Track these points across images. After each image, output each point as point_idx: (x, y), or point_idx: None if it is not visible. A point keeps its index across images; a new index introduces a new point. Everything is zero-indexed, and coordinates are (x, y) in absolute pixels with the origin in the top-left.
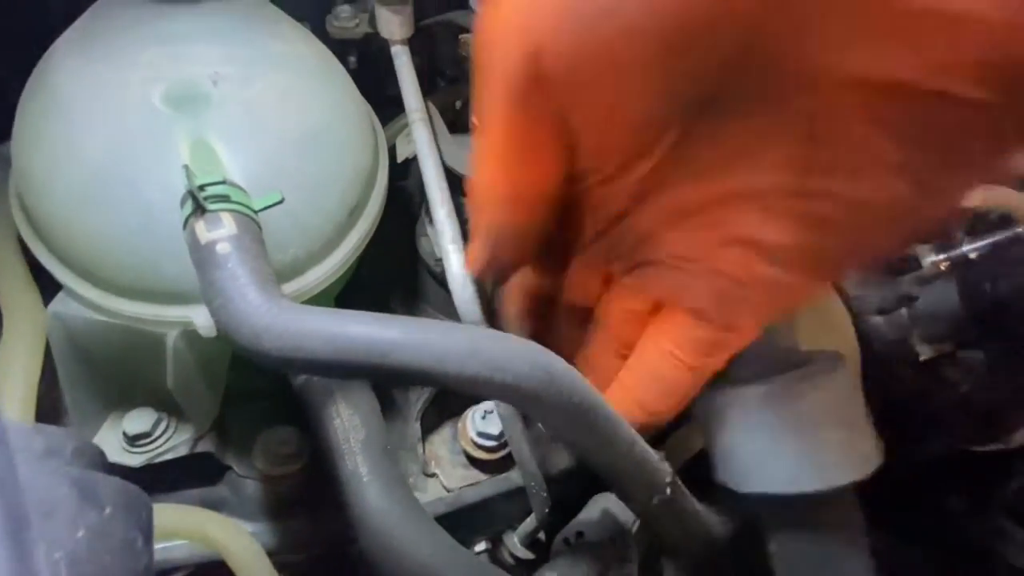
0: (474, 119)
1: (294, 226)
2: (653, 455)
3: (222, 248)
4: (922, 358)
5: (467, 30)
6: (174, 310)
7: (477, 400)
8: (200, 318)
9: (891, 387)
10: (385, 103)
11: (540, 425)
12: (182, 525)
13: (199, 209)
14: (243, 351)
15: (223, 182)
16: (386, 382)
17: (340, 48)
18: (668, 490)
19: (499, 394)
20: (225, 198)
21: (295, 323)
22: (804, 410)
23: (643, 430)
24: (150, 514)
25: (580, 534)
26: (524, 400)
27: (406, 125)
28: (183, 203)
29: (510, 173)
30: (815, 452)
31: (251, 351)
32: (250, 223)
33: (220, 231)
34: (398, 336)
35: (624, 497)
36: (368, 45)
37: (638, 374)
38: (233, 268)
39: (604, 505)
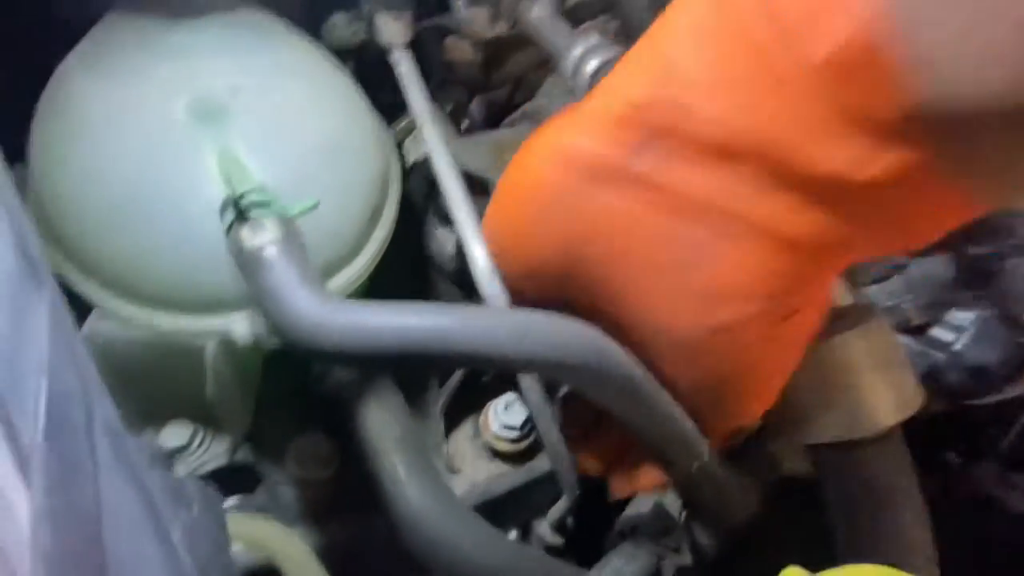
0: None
1: (322, 231)
2: (691, 425)
3: (269, 252)
4: (915, 322)
5: (453, 33)
6: (211, 320)
7: (496, 393)
8: (237, 326)
9: None
10: (379, 109)
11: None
12: (238, 529)
13: (241, 216)
14: (300, 349)
15: (263, 190)
16: (440, 367)
17: (337, 57)
18: (706, 455)
19: (554, 371)
20: (265, 204)
21: (353, 317)
22: (852, 358)
23: None
24: (223, 512)
25: (635, 528)
26: (577, 375)
27: (407, 130)
28: (223, 212)
29: None
30: (866, 397)
31: (310, 348)
32: (290, 227)
33: (265, 236)
34: (456, 323)
35: (666, 464)
36: (365, 54)
37: None
38: (282, 270)
39: (655, 499)
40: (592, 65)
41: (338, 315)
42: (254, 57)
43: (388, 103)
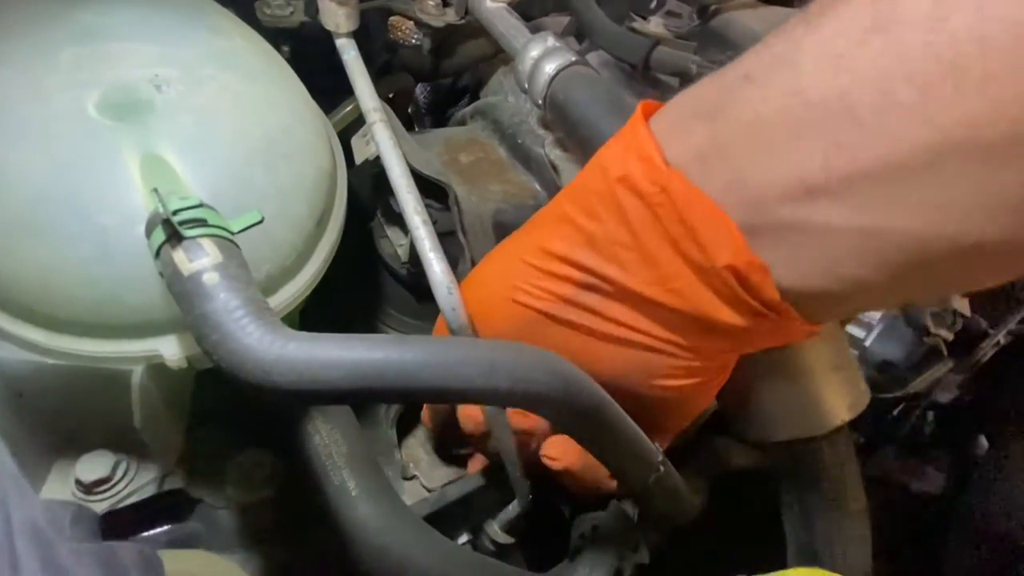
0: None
1: (265, 242)
2: (647, 440)
3: (209, 278)
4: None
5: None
6: (138, 344)
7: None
8: (168, 349)
9: None
10: (317, 95)
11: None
12: (173, 567)
13: (175, 236)
14: (248, 387)
15: (200, 205)
16: (402, 402)
17: (272, 38)
18: (661, 468)
19: (521, 403)
20: (202, 222)
21: (306, 353)
22: (809, 361)
23: None
24: (163, 571)
25: (595, 528)
26: (544, 406)
27: (348, 119)
28: (150, 229)
29: None
30: (824, 397)
31: (259, 387)
32: (231, 247)
33: (203, 260)
34: (418, 357)
35: (623, 480)
36: (301, 34)
37: None
38: (226, 299)
39: (613, 500)
40: (549, 69)
41: (291, 351)
42: (181, 43)
43: (325, 87)
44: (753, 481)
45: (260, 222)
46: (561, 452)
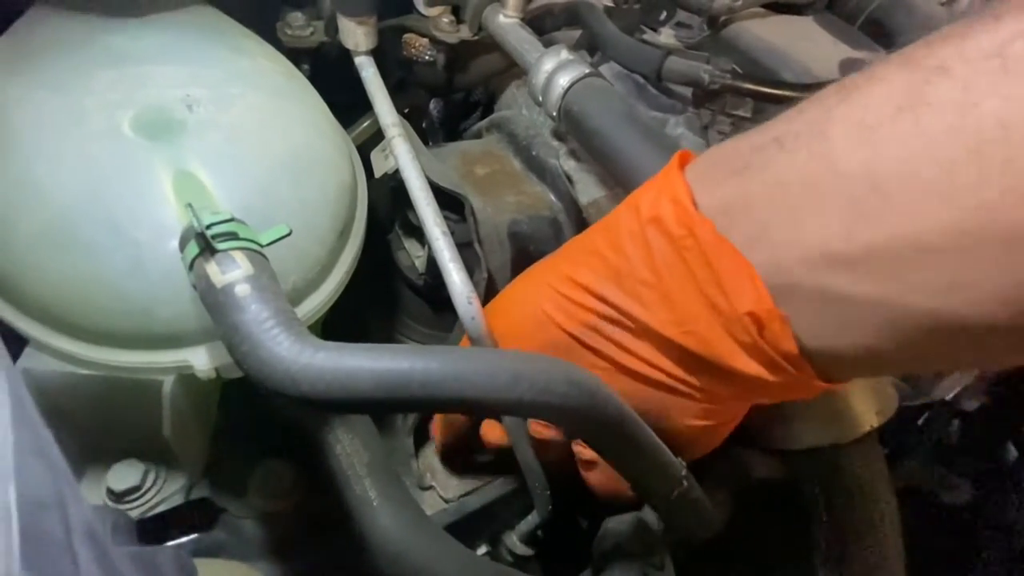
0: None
1: (291, 254)
2: (670, 454)
3: (241, 290)
4: None
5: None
6: (169, 355)
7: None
8: (199, 360)
9: None
10: (334, 111)
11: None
12: None
13: (208, 249)
14: (277, 396)
15: (231, 219)
16: (426, 412)
17: (292, 57)
18: (684, 482)
19: (543, 414)
20: (234, 235)
21: (334, 363)
22: None
23: None
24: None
25: (617, 546)
26: (566, 417)
27: (366, 134)
28: (184, 243)
29: None
30: (852, 404)
31: (288, 395)
32: (261, 259)
33: (236, 272)
34: (443, 367)
35: (647, 495)
36: (321, 53)
37: None
38: (257, 310)
39: (635, 514)
40: (563, 82)
41: (320, 360)
42: (208, 64)
43: (343, 103)
44: (777, 492)
45: (288, 235)
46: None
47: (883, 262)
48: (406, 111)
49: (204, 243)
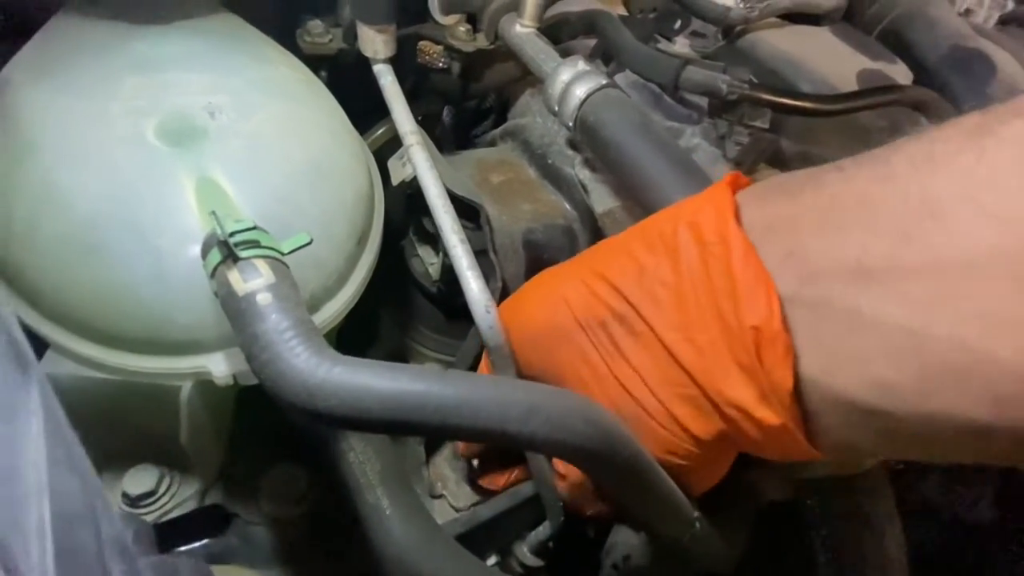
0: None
1: (310, 262)
2: (683, 497)
3: (263, 299)
4: None
5: (429, 39)
6: (188, 360)
7: None
8: (217, 366)
9: None
10: (350, 117)
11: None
12: None
13: (231, 257)
14: (291, 408)
15: (254, 227)
16: (438, 437)
17: (311, 64)
18: (697, 524)
19: (556, 452)
20: (256, 243)
21: (350, 380)
22: None
23: None
24: None
25: (627, 557)
26: (581, 455)
27: (382, 140)
28: (206, 250)
29: None
30: None
31: (302, 409)
32: (283, 268)
33: (258, 280)
34: (459, 394)
35: (659, 537)
36: (339, 60)
37: None
38: (277, 320)
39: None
40: (580, 93)
41: (336, 375)
42: (230, 71)
43: (359, 109)
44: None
45: (309, 243)
46: (568, 468)
47: (918, 284)
48: (419, 118)
49: (227, 251)
